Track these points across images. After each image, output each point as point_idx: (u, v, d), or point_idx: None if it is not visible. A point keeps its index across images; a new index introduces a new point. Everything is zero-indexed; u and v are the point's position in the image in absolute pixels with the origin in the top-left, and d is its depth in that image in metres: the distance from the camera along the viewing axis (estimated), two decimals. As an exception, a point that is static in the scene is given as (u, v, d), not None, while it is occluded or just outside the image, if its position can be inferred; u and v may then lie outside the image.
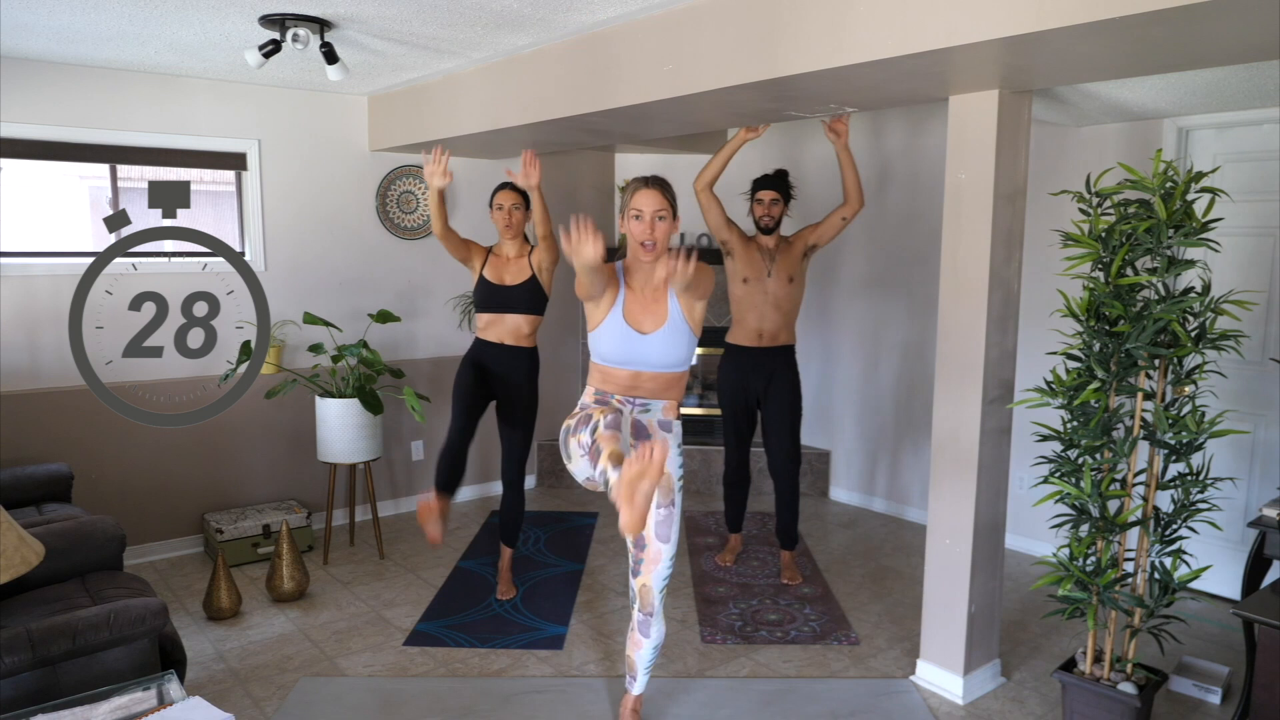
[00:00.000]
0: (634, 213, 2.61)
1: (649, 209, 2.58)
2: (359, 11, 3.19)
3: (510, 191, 3.81)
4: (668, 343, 2.62)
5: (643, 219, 2.59)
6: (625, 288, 2.65)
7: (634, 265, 2.66)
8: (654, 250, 2.60)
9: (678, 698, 3.16)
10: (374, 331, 4.92)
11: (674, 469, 2.71)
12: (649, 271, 2.64)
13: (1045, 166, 4.22)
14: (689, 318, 2.64)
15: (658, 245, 2.60)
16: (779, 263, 4.03)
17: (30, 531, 2.60)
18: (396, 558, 4.53)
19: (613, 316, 2.63)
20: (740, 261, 4.04)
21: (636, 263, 2.65)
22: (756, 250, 4.05)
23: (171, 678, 2.20)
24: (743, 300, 4.08)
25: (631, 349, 2.62)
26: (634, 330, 2.62)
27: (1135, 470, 2.77)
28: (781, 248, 4.06)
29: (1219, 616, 3.83)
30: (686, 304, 2.63)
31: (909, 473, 5.21)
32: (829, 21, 2.57)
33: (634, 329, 2.62)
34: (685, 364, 2.70)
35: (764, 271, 4.03)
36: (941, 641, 3.21)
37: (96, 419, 4.21)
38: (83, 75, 4.12)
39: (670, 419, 2.71)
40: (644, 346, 2.61)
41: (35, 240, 4.21)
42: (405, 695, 3.16)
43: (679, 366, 2.68)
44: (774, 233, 4.06)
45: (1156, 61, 2.49)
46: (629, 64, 3.24)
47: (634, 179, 2.66)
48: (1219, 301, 2.67)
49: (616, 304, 2.63)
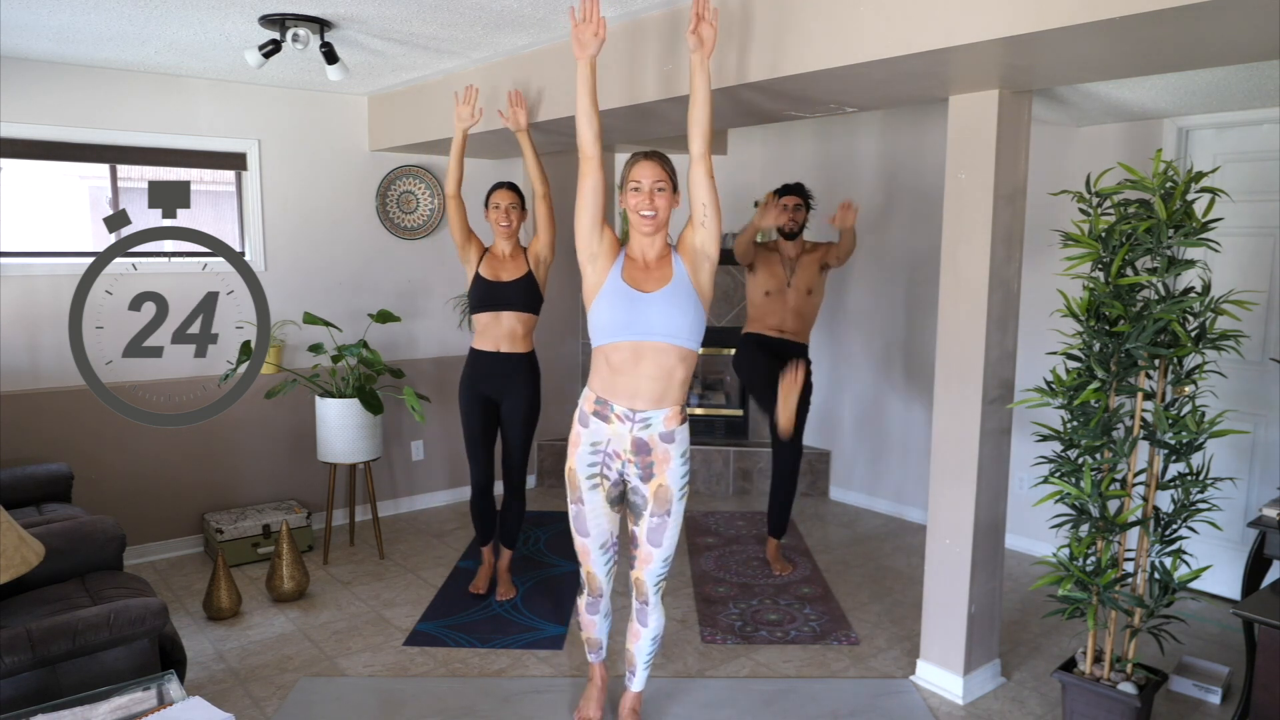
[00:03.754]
0: (633, 184, 2.57)
1: (648, 180, 2.56)
2: (359, 11, 3.19)
3: (507, 191, 3.78)
4: (671, 303, 2.53)
5: (641, 190, 2.56)
6: (625, 257, 2.61)
7: (634, 241, 2.62)
8: (654, 220, 2.56)
9: (678, 698, 3.16)
10: (374, 331, 4.91)
11: (674, 481, 2.65)
12: (649, 244, 2.60)
13: (1045, 166, 4.22)
14: (695, 279, 2.57)
15: (658, 216, 2.56)
16: (799, 274, 4.13)
17: (30, 531, 2.61)
18: (396, 558, 4.53)
19: (611, 278, 2.57)
20: (762, 274, 4.16)
21: (637, 238, 2.61)
22: (778, 260, 4.15)
23: (171, 678, 2.20)
24: (761, 306, 4.20)
25: (632, 311, 2.53)
26: (634, 289, 2.55)
27: (1135, 470, 2.77)
28: (802, 258, 4.14)
29: (1219, 616, 3.83)
30: (693, 265, 2.57)
31: (909, 473, 5.20)
32: (829, 22, 2.57)
33: (634, 288, 2.55)
34: (692, 340, 2.57)
35: (784, 282, 4.14)
36: (941, 641, 3.21)
37: (96, 419, 4.21)
38: (82, 75, 4.12)
39: (673, 429, 2.62)
40: (646, 307, 2.52)
41: (35, 240, 4.21)
42: (405, 695, 3.16)
43: (685, 340, 2.56)
44: (797, 238, 4.15)
45: (1156, 61, 2.49)
46: (629, 64, 3.24)
47: (633, 153, 2.62)
48: (1219, 301, 2.67)
49: (615, 266, 2.58)
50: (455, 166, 3.69)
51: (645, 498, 2.66)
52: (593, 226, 2.57)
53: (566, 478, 2.73)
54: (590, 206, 2.56)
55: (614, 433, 2.61)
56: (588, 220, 2.57)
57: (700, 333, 2.60)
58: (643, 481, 2.65)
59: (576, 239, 2.60)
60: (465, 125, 3.66)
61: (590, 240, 2.58)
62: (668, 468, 2.63)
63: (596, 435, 2.64)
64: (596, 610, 2.87)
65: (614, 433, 2.61)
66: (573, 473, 2.69)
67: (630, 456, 2.63)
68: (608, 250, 2.60)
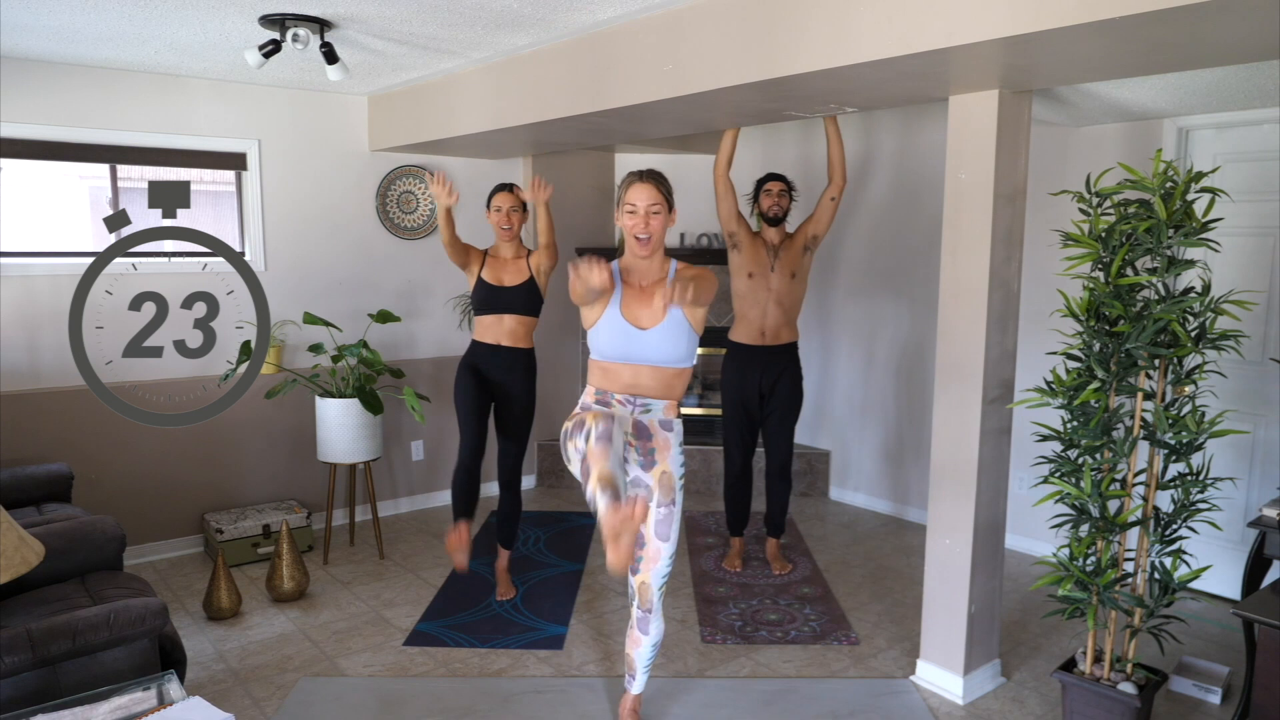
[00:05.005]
0: (628, 207, 2.60)
1: (642, 203, 2.58)
2: (359, 11, 3.19)
3: (508, 194, 3.80)
4: (667, 338, 2.60)
5: (636, 213, 2.58)
6: (622, 284, 2.64)
7: (630, 263, 2.65)
8: (649, 244, 2.59)
9: (678, 698, 3.16)
10: (374, 331, 4.91)
11: (675, 468, 2.70)
12: (646, 267, 2.63)
13: (1045, 166, 4.22)
14: (689, 314, 2.62)
15: (652, 239, 2.59)
16: (782, 259, 4.10)
17: (30, 531, 2.60)
18: (396, 558, 4.53)
19: (610, 313, 2.61)
20: (746, 255, 4.11)
21: (633, 259, 2.64)
22: (762, 245, 4.13)
23: (171, 678, 2.20)
24: (745, 296, 4.14)
25: (630, 345, 2.60)
26: (632, 326, 2.60)
27: (1135, 470, 2.77)
28: (785, 243, 4.13)
29: (1219, 616, 3.83)
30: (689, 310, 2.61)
31: (909, 473, 5.20)
32: (829, 21, 2.57)
33: (632, 325, 2.60)
34: (686, 360, 2.67)
35: (767, 266, 4.11)
36: (941, 641, 3.20)
37: (96, 419, 4.21)
38: (82, 75, 4.12)
39: (671, 418, 2.70)
40: (642, 342, 2.60)
41: (35, 240, 4.21)
42: (405, 695, 3.16)
43: (680, 362, 2.65)
44: (781, 224, 4.14)
45: (1156, 61, 2.49)
46: (629, 64, 3.24)
47: (629, 173, 2.64)
48: (1219, 301, 2.67)
49: (613, 301, 2.62)
50: (446, 230, 3.68)
51: (650, 486, 2.68)
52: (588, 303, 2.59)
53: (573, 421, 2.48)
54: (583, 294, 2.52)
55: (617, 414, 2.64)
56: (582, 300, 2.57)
57: (694, 350, 2.69)
58: (645, 470, 2.68)
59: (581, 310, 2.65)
60: (447, 204, 3.62)
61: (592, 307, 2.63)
62: (669, 454, 2.68)
63: None
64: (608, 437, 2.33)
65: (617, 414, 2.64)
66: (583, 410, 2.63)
67: (631, 439, 2.66)
68: (606, 298, 2.62)
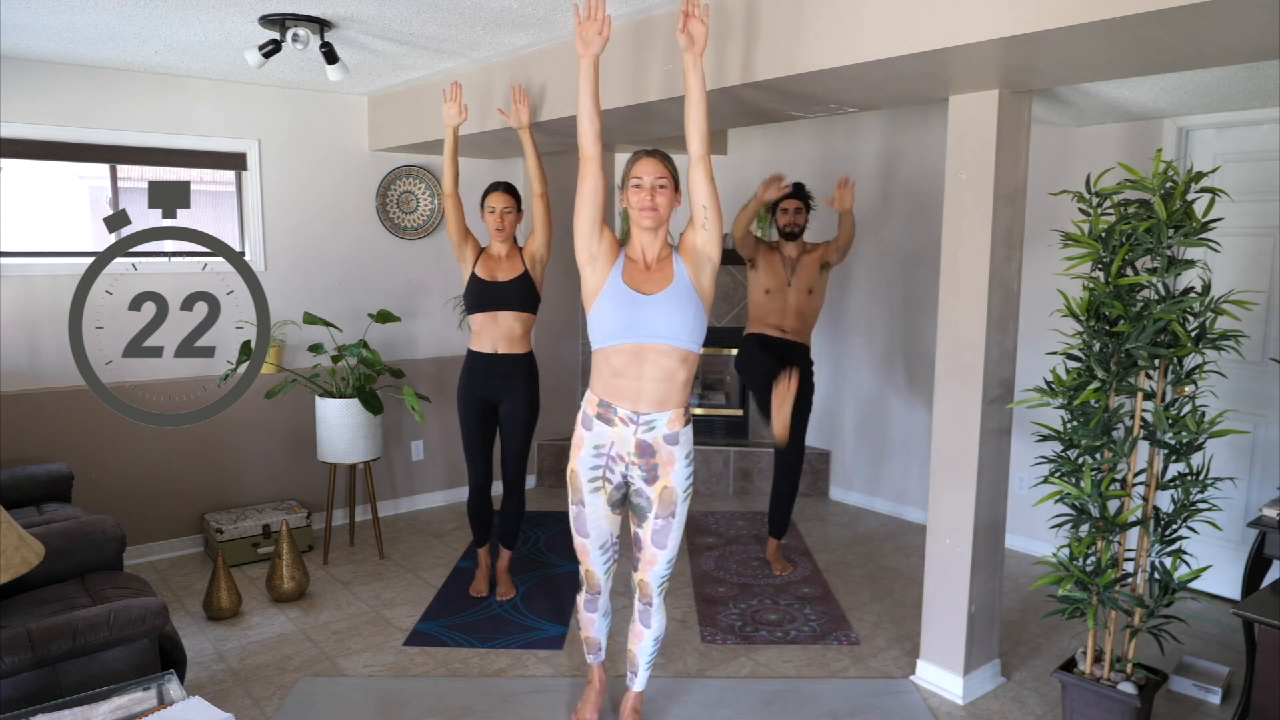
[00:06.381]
0: (634, 181, 2.56)
1: (649, 177, 2.54)
2: (359, 11, 3.19)
3: (503, 194, 3.76)
4: (673, 305, 2.51)
5: (643, 187, 2.54)
6: (625, 258, 2.60)
7: (634, 242, 2.61)
8: (655, 215, 2.54)
9: (678, 698, 3.16)
10: (374, 331, 4.91)
11: (679, 483, 2.63)
12: (649, 241, 2.59)
13: (1045, 166, 4.22)
14: (696, 281, 2.55)
15: (659, 212, 2.55)
16: (799, 274, 4.16)
17: (30, 531, 2.60)
18: (396, 558, 4.53)
19: (611, 280, 2.55)
20: (763, 272, 4.18)
21: (637, 236, 2.60)
22: (779, 259, 4.18)
23: (171, 678, 2.20)
24: (762, 305, 4.22)
25: (634, 313, 2.51)
26: (635, 291, 2.53)
27: (1135, 470, 2.77)
28: (803, 258, 4.17)
29: (1219, 616, 3.83)
30: (694, 266, 2.56)
31: (909, 473, 5.20)
32: (829, 22, 2.57)
33: (635, 290, 2.54)
34: (693, 342, 2.55)
35: (784, 281, 4.17)
36: (941, 641, 3.21)
37: (96, 419, 4.21)
38: (82, 75, 4.12)
39: (677, 430, 2.61)
40: (647, 310, 2.51)
41: (35, 240, 4.21)
42: (405, 695, 3.16)
43: (687, 342, 2.54)
44: (798, 239, 4.19)
45: (1156, 61, 2.49)
46: (629, 64, 3.24)
47: (635, 151, 2.61)
48: (1219, 301, 2.67)
49: (615, 267, 2.56)
50: (450, 165, 3.71)
51: (650, 500, 2.64)
52: (592, 227, 2.56)
53: (568, 479, 2.72)
54: (590, 207, 2.55)
55: (617, 436, 2.60)
56: (587, 221, 2.56)
57: (702, 334, 2.58)
58: (647, 484, 2.64)
59: (575, 240, 2.58)
60: (454, 123, 3.69)
61: (590, 241, 2.57)
62: (672, 469, 2.62)
63: (600, 438, 2.63)
64: (595, 608, 2.87)
65: (617, 436, 2.60)
66: (575, 475, 2.68)
67: (634, 459, 2.61)
68: (607, 251, 2.58)
